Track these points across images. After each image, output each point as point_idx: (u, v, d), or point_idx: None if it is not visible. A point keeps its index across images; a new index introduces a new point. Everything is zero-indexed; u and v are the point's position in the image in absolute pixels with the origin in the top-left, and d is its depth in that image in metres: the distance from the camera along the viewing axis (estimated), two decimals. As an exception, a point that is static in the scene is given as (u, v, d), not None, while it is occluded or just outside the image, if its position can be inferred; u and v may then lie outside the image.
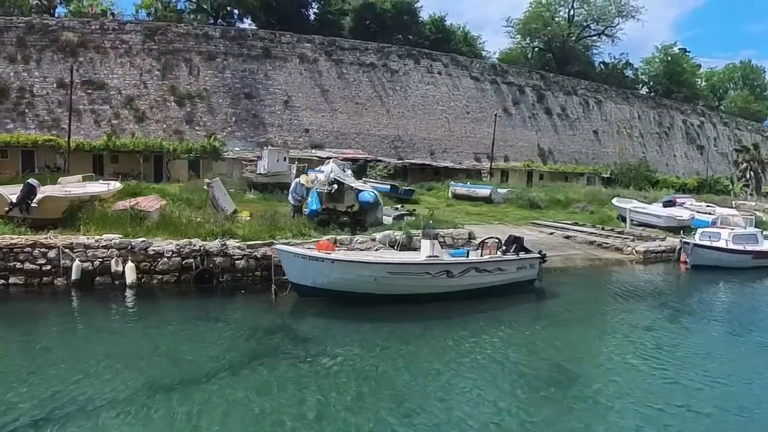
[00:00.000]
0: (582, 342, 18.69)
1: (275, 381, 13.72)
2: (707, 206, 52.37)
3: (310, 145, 63.53)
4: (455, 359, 15.93)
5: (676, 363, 16.29)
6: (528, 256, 23.98)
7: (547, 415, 12.38)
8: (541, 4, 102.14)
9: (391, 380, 14.10)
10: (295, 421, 11.61)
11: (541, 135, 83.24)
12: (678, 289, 29.76)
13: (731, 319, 23.18)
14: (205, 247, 22.66)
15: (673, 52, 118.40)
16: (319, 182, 27.19)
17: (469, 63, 79.69)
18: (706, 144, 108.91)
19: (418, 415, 12.17)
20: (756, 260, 34.54)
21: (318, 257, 19.64)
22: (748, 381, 15.12)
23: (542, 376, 14.57)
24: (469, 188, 51.86)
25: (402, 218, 29.79)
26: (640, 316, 22.17)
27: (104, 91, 59.13)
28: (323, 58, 68.24)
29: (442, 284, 20.94)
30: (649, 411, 12.62)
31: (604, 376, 15.16)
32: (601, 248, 35.02)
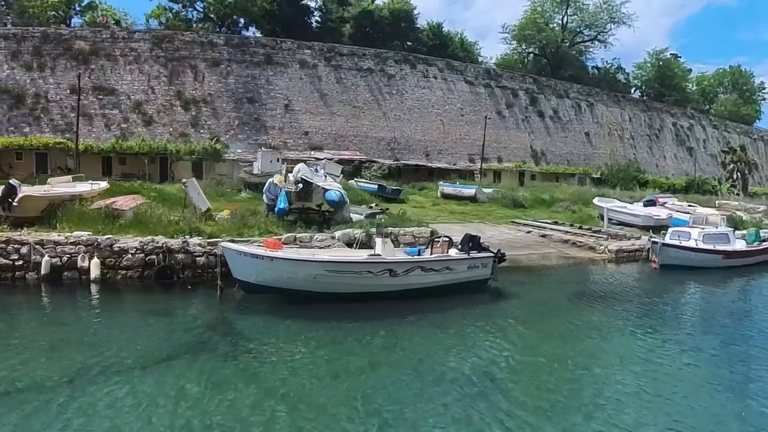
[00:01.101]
0: (516, 346, 16.83)
1: (196, 375, 13.20)
2: (689, 206, 51.23)
3: (309, 147, 62.82)
4: (380, 360, 14.70)
5: (610, 370, 15.02)
6: (480, 255, 22.35)
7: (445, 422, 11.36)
8: (535, 11, 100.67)
9: (309, 379, 13.24)
10: (200, 417, 11.11)
11: (534, 137, 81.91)
12: (641, 289, 27.36)
13: (688, 322, 21.50)
14: (167, 244, 22.05)
15: (665, 57, 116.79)
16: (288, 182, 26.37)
17: (463, 68, 78.51)
18: (695, 146, 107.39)
19: (318, 414, 11.46)
20: (727, 260, 32.79)
21: (258, 255, 18.80)
22: (687, 395, 13.34)
23: (459, 380, 13.31)
24: (455, 188, 50.76)
25: (374, 216, 28.94)
26: (591, 318, 20.54)
27: (114, 97, 58.96)
28: (322, 63, 67.41)
29: (385, 283, 19.71)
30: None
31: (526, 383, 13.73)
32: (575, 247, 33.63)
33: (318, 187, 26.49)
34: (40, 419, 10.70)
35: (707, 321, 21.57)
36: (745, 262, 34.11)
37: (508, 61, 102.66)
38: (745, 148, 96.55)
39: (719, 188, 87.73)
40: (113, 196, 28.79)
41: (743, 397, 13.35)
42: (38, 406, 11.21)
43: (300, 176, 26.28)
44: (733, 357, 16.61)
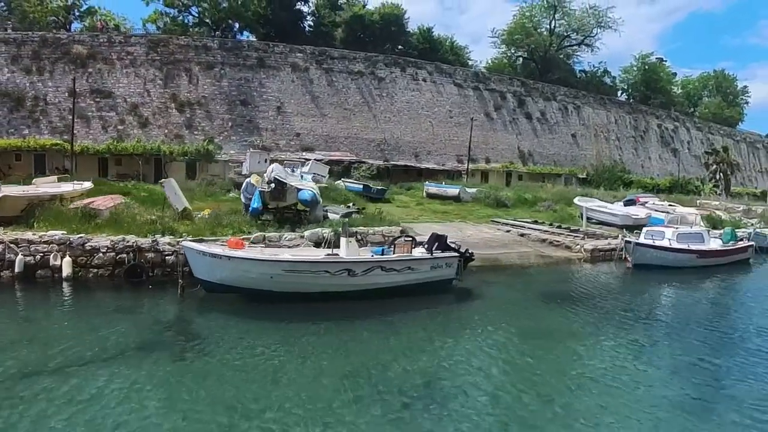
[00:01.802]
0: (472, 349, 15.82)
1: (143, 373, 12.83)
2: (669, 205, 50.70)
3: (300, 148, 62.19)
4: (329, 364, 13.91)
5: (569, 373, 14.06)
6: (443, 255, 21.46)
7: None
8: (524, 15, 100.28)
9: (251, 382, 12.70)
10: (138, 415, 10.82)
11: (522, 138, 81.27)
12: (611, 289, 26.17)
13: (654, 323, 20.17)
14: (137, 243, 21.51)
15: (650, 61, 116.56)
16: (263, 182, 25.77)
17: (452, 71, 77.87)
18: (679, 147, 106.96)
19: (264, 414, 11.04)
20: (701, 259, 31.85)
21: (216, 254, 18.19)
22: (652, 397, 12.61)
23: (404, 386, 12.51)
24: (440, 188, 50.00)
25: (349, 215, 28.32)
26: (556, 319, 19.52)
27: (111, 99, 58.57)
28: (314, 66, 66.79)
29: (343, 283, 18.97)
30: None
31: (468, 391, 12.55)
32: (552, 246, 32.73)
33: (291, 186, 25.86)
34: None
35: (674, 321, 20.57)
36: (719, 262, 33.18)
37: (498, 64, 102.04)
38: (728, 149, 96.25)
39: (702, 188, 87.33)
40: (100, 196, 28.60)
41: (708, 399, 12.80)
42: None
43: (273, 176, 25.67)
44: (697, 358, 15.66)
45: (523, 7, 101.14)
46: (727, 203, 66.27)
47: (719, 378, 14.09)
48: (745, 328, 19.46)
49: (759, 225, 49.75)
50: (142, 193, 35.08)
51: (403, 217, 37.42)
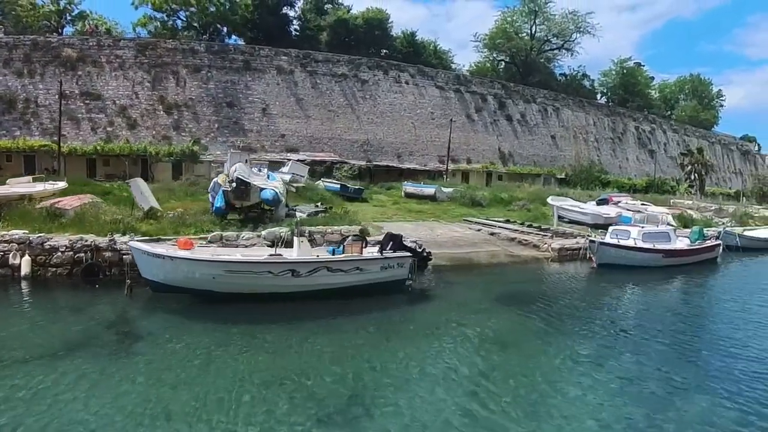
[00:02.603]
0: (411, 354, 14.45)
1: (73, 373, 12.26)
2: (642, 204, 50.13)
3: (285, 149, 61.31)
4: (257, 369, 12.94)
5: (507, 386, 12.54)
6: (394, 255, 20.27)
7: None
8: (506, 20, 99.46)
9: (180, 382, 12.08)
10: (61, 413, 10.40)
11: (502, 139, 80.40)
12: (572, 290, 24.56)
13: (607, 329, 18.21)
14: (95, 243, 20.65)
15: (629, 66, 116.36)
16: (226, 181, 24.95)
17: (434, 73, 76.97)
18: (656, 148, 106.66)
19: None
20: (667, 259, 30.56)
21: (160, 254, 17.32)
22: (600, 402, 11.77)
23: (328, 392, 11.66)
24: (417, 187, 49.04)
25: (316, 215, 27.54)
26: (508, 321, 18.15)
27: (100, 101, 57.68)
28: (299, 69, 65.89)
29: (287, 284, 17.96)
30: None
31: (400, 401, 11.46)
32: (520, 245, 31.75)
33: (255, 186, 25.01)
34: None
35: (629, 326, 19.14)
36: (686, 261, 31.96)
37: (482, 68, 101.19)
38: (703, 150, 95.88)
39: (678, 188, 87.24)
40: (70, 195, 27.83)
41: (659, 416, 11.71)
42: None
43: (236, 176, 24.84)
44: (651, 368, 14.34)
45: (505, 13, 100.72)
46: (700, 203, 65.88)
47: (673, 392, 12.67)
48: (703, 334, 18.38)
49: (730, 224, 49.25)
50: (123, 193, 34.01)
51: (377, 216, 36.69)
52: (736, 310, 21.84)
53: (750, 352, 15.64)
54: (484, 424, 10.59)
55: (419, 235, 29.27)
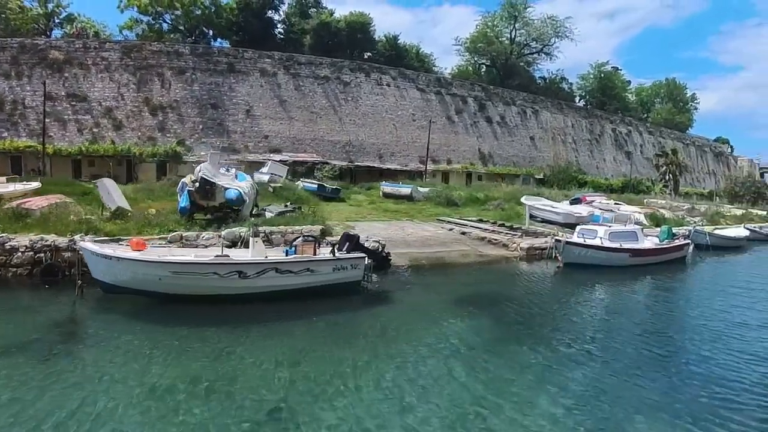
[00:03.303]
0: (351, 362, 13.00)
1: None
2: (615, 204, 49.60)
3: (268, 150, 60.34)
4: (187, 370, 12.17)
5: (447, 400, 11.18)
6: (347, 256, 19.18)
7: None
8: (486, 25, 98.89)
9: (106, 386, 11.29)
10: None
11: (482, 140, 79.61)
12: (534, 291, 23.16)
13: (565, 334, 16.57)
14: (55, 243, 19.69)
15: (606, 70, 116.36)
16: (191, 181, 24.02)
17: (415, 76, 76.07)
18: (632, 150, 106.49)
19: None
20: (633, 258, 29.40)
21: (107, 255, 16.38)
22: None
23: (254, 401, 10.70)
24: (394, 187, 48.05)
25: (284, 214, 26.62)
26: (460, 328, 16.38)
27: (86, 103, 56.58)
28: (282, 71, 64.88)
29: (235, 285, 16.91)
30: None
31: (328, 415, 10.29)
32: (490, 244, 30.64)
33: (220, 186, 24.09)
34: None
35: (592, 326, 17.90)
36: (653, 261, 30.84)
37: (464, 72, 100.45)
38: (677, 152, 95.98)
39: (653, 188, 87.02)
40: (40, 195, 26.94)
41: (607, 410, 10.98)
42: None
43: (200, 175, 23.93)
44: (606, 370, 13.28)
45: (486, 17, 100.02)
46: (673, 202, 65.50)
47: (637, 406, 11.27)
48: (664, 337, 16.80)
49: (701, 223, 48.74)
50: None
51: (352, 216, 35.87)
52: (701, 312, 20.68)
53: (715, 356, 14.65)
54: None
55: (389, 235, 28.45)
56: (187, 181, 24.48)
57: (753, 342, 16.01)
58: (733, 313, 19.94)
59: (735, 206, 75.36)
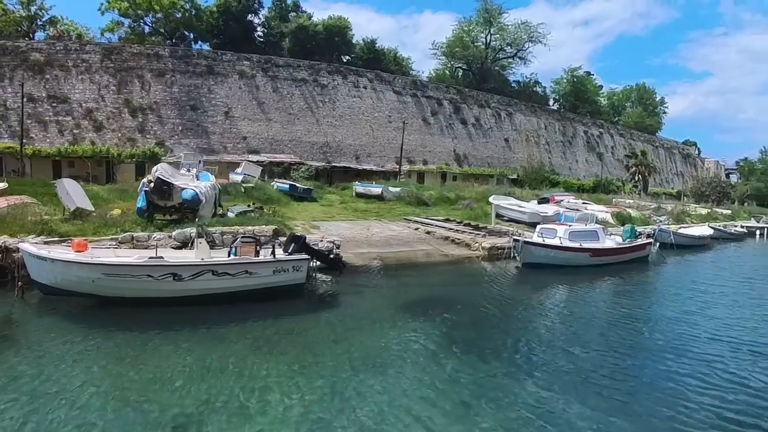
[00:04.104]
0: (273, 372, 11.65)
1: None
2: (583, 203, 49.06)
3: (247, 151, 59.20)
4: (106, 376, 11.20)
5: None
6: (288, 257, 17.76)
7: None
8: (462, 29, 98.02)
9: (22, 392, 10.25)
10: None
11: (457, 142, 78.94)
12: (490, 294, 21.13)
13: (516, 337, 15.33)
14: (5, 244, 18.47)
15: (579, 74, 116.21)
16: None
17: (392, 79, 75.15)
18: (604, 151, 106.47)
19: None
20: (594, 258, 27.93)
21: (41, 257, 15.27)
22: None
23: (163, 409, 9.70)
24: (366, 187, 47.08)
25: (245, 214, 25.60)
26: (407, 334, 14.84)
27: (67, 104, 55.09)
28: (260, 74, 63.72)
29: (169, 288, 15.68)
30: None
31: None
32: (453, 244, 29.38)
33: (177, 186, 23.02)
34: None
35: (538, 331, 16.41)
36: (615, 260, 29.46)
37: (441, 75, 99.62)
38: (646, 153, 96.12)
39: (623, 188, 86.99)
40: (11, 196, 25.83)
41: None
42: None
43: (156, 175, 22.88)
44: (557, 382, 11.82)
45: (462, 22, 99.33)
46: (641, 201, 65.20)
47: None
48: (621, 342, 15.22)
49: (667, 222, 48.27)
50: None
51: (320, 215, 34.95)
52: (658, 314, 19.41)
53: (671, 364, 13.39)
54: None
55: (353, 235, 27.57)
56: (146, 182, 23.40)
57: (706, 349, 14.82)
58: (690, 317, 18.52)
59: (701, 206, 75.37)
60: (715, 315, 19.08)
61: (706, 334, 16.23)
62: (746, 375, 12.65)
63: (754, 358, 14.03)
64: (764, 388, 11.91)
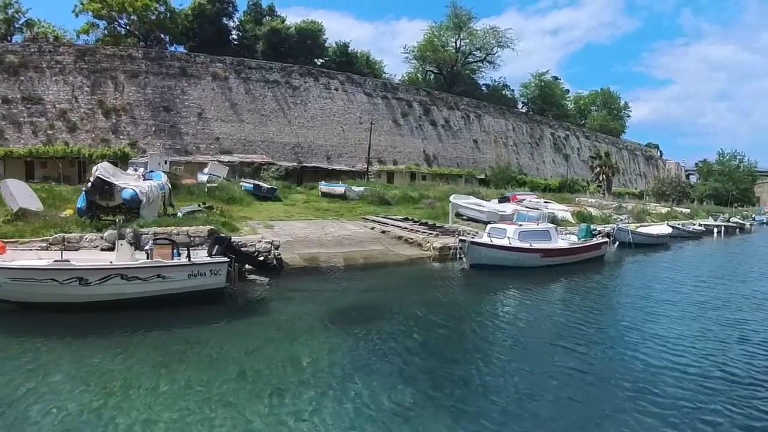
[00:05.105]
0: (169, 390, 10.04)
1: None
2: (545, 202, 48.26)
3: (220, 152, 57.59)
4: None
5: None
6: (205, 260, 16.13)
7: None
8: (433, 34, 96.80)
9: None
10: None
11: (427, 143, 77.78)
12: (430, 298, 18.91)
13: (457, 350, 13.48)
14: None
15: (546, 79, 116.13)
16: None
17: (362, 81, 73.71)
18: (570, 153, 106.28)
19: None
20: (546, 259, 26.04)
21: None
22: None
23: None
24: (330, 187, 45.69)
25: (193, 214, 24.29)
26: (332, 345, 13.04)
27: (41, 105, 53.14)
28: (233, 76, 62.06)
29: (75, 293, 14.19)
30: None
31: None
32: (407, 243, 27.79)
33: (118, 185, 21.65)
34: None
35: (475, 341, 14.40)
36: (568, 260, 27.52)
37: (412, 78, 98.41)
38: (610, 154, 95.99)
39: (588, 188, 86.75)
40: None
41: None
42: None
43: (96, 175, 21.50)
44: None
45: (432, 27, 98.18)
46: (602, 200, 64.70)
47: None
48: (562, 355, 13.10)
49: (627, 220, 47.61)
50: (42, 194, 30.12)
51: (280, 215, 33.70)
52: (609, 318, 17.66)
53: (619, 371, 12.03)
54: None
55: (306, 234, 26.37)
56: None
57: (658, 356, 13.21)
58: (640, 324, 16.48)
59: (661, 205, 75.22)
60: (666, 321, 17.13)
61: (656, 341, 14.51)
62: (696, 379, 11.72)
63: (702, 363, 12.92)
64: (710, 391, 11.06)
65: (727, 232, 58.59)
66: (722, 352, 13.68)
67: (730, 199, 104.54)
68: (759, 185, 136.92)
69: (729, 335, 15.45)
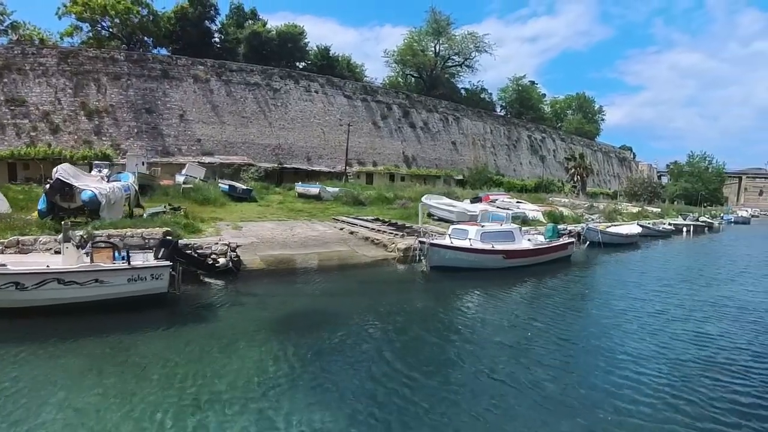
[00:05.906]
0: (98, 402, 9.30)
1: None
2: (517, 202, 47.83)
3: (201, 153, 56.73)
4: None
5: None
6: (145, 264, 15.25)
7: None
8: (413, 38, 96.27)
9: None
10: None
11: (406, 144, 77.24)
12: (387, 303, 17.70)
13: (403, 361, 12.10)
14: None
15: (524, 83, 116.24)
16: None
17: (342, 84, 72.97)
18: (546, 154, 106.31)
19: None
20: (509, 260, 24.88)
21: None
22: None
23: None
24: (305, 188, 45.05)
25: (157, 215, 23.52)
26: (279, 354, 12.06)
27: (24, 107, 51.95)
28: (214, 78, 61.17)
29: (11, 298, 13.41)
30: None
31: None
32: (372, 244, 26.94)
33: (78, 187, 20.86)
34: None
35: (428, 349, 13.26)
36: (533, 262, 26.43)
37: (393, 82, 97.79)
38: (584, 156, 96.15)
39: (563, 189, 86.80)
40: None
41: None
42: None
43: (56, 176, 20.70)
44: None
45: (412, 32, 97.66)
46: (575, 200, 64.45)
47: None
48: (520, 365, 12.16)
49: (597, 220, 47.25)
50: (19, 195, 30.56)
51: (252, 215, 32.92)
52: (570, 323, 16.33)
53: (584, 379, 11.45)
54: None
55: (273, 235, 25.67)
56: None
57: (618, 364, 12.50)
58: (602, 329, 15.55)
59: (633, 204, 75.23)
60: (630, 326, 16.11)
61: (619, 348, 13.79)
62: (659, 385, 11.28)
63: (667, 368, 12.38)
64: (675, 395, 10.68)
65: (696, 231, 58.51)
66: (679, 364, 12.82)
67: (700, 199, 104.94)
68: (727, 186, 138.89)
69: (687, 348, 14.13)
